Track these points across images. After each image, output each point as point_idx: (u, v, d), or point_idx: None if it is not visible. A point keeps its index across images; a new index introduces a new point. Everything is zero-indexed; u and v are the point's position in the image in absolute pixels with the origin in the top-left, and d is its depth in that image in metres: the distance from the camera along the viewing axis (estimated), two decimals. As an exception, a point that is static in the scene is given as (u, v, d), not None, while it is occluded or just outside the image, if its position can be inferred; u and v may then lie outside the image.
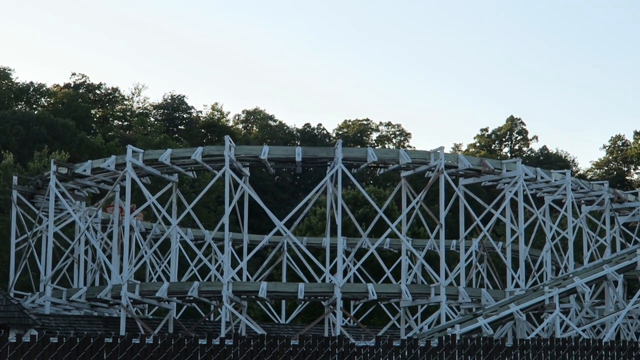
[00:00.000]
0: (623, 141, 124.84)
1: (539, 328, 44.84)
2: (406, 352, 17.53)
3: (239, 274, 50.80)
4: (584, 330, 46.38)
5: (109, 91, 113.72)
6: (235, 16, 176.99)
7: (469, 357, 17.82)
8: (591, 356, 18.55)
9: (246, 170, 48.53)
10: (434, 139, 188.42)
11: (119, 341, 17.43)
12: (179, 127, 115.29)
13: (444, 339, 17.94)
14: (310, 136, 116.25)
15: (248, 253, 50.06)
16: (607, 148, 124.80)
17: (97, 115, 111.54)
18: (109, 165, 47.13)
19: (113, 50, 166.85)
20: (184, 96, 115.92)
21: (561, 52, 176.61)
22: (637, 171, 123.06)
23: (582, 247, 58.15)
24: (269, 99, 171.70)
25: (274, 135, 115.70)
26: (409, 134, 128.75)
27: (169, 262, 53.86)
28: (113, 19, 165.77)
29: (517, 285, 49.38)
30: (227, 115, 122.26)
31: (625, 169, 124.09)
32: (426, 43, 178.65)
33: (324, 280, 53.88)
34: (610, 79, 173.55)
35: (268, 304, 58.92)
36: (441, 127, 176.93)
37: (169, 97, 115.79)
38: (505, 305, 43.76)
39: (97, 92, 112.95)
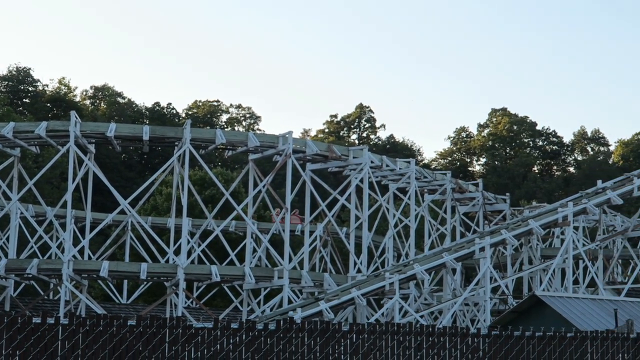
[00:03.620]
0: (467, 133, 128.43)
1: (378, 313, 45.76)
2: (244, 335, 17.60)
3: (81, 252, 49.93)
4: (422, 316, 47.60)
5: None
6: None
7: (306, 340, 18.01)
8: (424, 341, 19.01)
9: (92, 147, 47.82)
10: (284, 123, 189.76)
11: (-52, 318, 16.87)
12: (24, 100, 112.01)
13: (282, 322, 18.08)
14: (160, 115, 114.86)
15: (91, 231, 49.38)
16: (451, 139, 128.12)
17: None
18: (-53, 137, 45.66)
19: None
20: (29, 68, 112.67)
21: (410, 43, 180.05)
22: (479, 162, 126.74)
23: (423, 234, 59.60)
24: (118, 75, 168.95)
25: (122, 112, 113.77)
26: (259, 117, 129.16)
27: (7, 239, 52.57)
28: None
29: (359, 271, 50.25)
30: (74, 90, 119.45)
31: (468, 160, 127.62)
32: (278, 27, 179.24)
33: (167, 261, 53.60)
34: (456, 72, 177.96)
35: (110, 283, 58.23)
36: (291, 112, 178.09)
37: (14, 69, 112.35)
38: (347, 290, 44.48)
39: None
